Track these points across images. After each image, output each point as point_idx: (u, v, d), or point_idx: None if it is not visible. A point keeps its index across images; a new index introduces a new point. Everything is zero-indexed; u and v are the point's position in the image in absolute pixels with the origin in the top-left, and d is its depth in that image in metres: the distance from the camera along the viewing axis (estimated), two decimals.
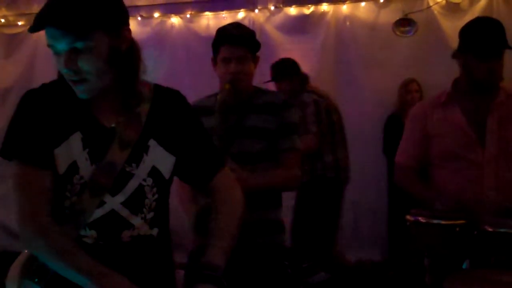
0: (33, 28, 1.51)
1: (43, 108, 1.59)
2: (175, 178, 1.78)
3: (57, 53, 1.54)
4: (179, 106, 1.75)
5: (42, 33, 1.53)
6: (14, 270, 1.66)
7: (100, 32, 1.51)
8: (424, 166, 2.87)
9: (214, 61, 2.59)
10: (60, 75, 1.62)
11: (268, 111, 2.53)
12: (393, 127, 5.19)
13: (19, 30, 6.10)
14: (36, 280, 1.61)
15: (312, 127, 4.58)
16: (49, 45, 1.53)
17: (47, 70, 5.50)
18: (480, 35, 2.66)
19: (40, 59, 5.88)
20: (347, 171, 4.93)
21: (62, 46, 1.50)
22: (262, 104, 2.55)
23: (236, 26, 2.64)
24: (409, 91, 5.18)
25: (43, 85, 1.66)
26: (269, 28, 5.71)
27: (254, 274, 2.46)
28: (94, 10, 1.49)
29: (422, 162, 2.86)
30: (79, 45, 1.49)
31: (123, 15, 1.61)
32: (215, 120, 2.44)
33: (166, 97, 1.74)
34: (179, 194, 2.54)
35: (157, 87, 1.74)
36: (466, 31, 2.73)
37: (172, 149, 1.68)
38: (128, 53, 1.61)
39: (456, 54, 2.76)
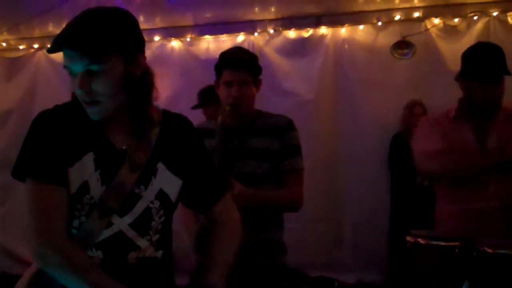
0: (51, 49, 1.55)
1: (57, 128, 1.61)
2: None
3: (72, 75, 1.57)
4: (187, 132, 1.79)
5: (43, 57, 1.56)
6: (21, 287, 1.66)
7: (116, 56, 1.55)
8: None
9: (217, 84, 2.62)
10: (74, 97, 1.64)
11: (270, 134, 2.56)
12: (398, 145, 5.21)
13: (20, 54, 6.15)
14: None
15: None
16: (65, 67, 1.57)
17: (47, 94, 5.57)
18: (480, 60, 2.72)
19: (41, 83, 5.93)
20: None
21: (77, 67, 1.54)
22: (265, 127, 2.58)
23: (238, 51, 2.68)
24: (414, 114, 5.19)
25: (57, 106, 1.68)
26: (269, 51, 5.75)
27: None
28: (111, 34, 1.53)
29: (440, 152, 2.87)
30: (94, 67, 1.52)
31: (140, 42, 1.66)
32: (215, 142, 2.46)
33: (175, 122, 1.77)
34: (181, 213, 2.55)
35: (165, 112, 1.78)
36: (467, 56, 2.78)
37: (179, 173, 1.71)
38: (141, 78, 1.65)
39: (458, 78, 2.81)
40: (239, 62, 2.55)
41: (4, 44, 6.15)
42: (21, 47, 6.10)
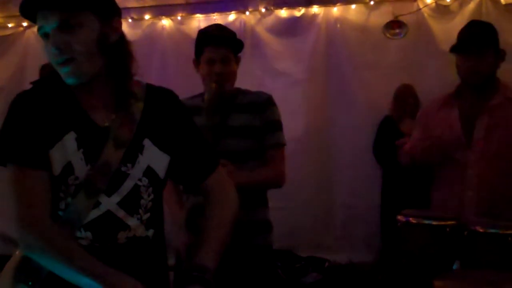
0: (24, 10, 1.54)
1: (35, 109, 1.57)
2: None
3: (47, 37, 1.54)
4: (173, 105, 1.75)
5: (32, 35, 1.54)
6: (6, 274, 1.63)
7: (90, 14, 1.53)
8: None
9: (197, 62, 2.61)
10: (51, 72, 1.61)
11: (251, 110, 2.56)
12: (386, 128, 5.22)
13: (9, 32, 6.07)
14: (30, 283, 1.58)
15: None
16: (39, 29, 1.54)
17: (37, 72, 5.51)
18: (465, 34, 2.78)
19: (31, 61, 5.85)
20: None
21: (51, 25, 1.51)
22: (246, 104, 2.58)
23: (218, 27, 2.68)
24: (403, 95, 5.20)
25: (34, 86, 1.65)
26: (260, 30, 5.70)
27: (244, 275, 2.46)
28: None
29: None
30: (67, 21, 1.50)
31: (115, 5, 1.64)
32: (201, 120, 2.45)
33: (160, 96, 1.74)
34: (164, 195, 2.54)
35: (149, 87, 1.74)
36: (458, 32, 2.80)
37: (167, 149, 1.68)
38: (118, 45, 1.62)
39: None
40: (221, 39, 2.54)
41: None
42: (10, 25, 5.99)
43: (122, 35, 1.64)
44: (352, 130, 5.45)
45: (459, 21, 5.30)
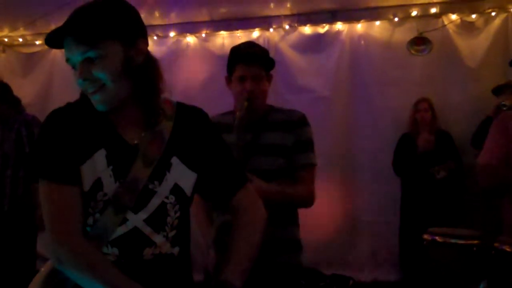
0: (49, 40, 1.56)
1: (68, 126, 1.59)
2: None
3: (74, 67, 1.57)
4: (202, 123, 1.76)
5: (59, 52, 1.56)
6: (34, 286, 1.65)
7: (112, 41, 1.54)
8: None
9: (229, 79, 2.60)
10: (83, 94, 1.63)
11: (283, 128, 2.54)
12: (403, 145, 5.20)
13: (37, 49, 6.18)
14: None
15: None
16: (67, 60, 1.57)
17: (64, 89, 5.59)
18: None
19: (57, 78, 5.95)
20: None
21: (76, 57, 1.53)
22: (278, 122, 2.56)
23: (250, 45, 2.66)
24: (419, 110, 5.18)
25: (68, 104, 1.67)
26: (284, 47, 5.73)
27: None
28: (106, 19, 1.53)
29: (505, 164, 2.85)
30: (91, 54, 1.52)
31: (139, 26, 1.64)
32: (233, 138, 2.45)
33: (189, 114, 1.75)
34: (194, 211, 2.54)
35: (179, 105, 1.75)
36: None
37: (194, 167, 1.69)
38: (144, 65, 1.63)
39: None
40: (253, 56, 2.53)
41: (20, 40, 6.19)
42: (37, 42, 6.12)
43: (148, 55, 1.65)
44: (375, 146, 5.44)
45: (484, 38, 5.29)
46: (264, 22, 5.75)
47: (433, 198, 4.86)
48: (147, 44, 1.65)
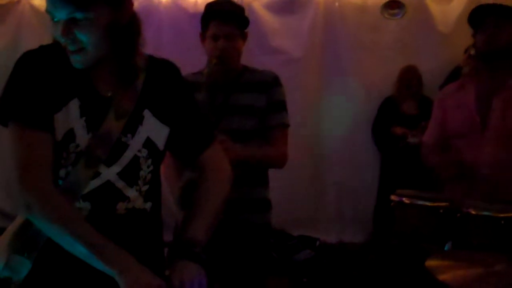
0: None
1: (43, 70, 1.54)
2: None
3: (54, 20, 1.51)
4: (173, 77, 1.73)
5: (27, 5, 1.49)
6: (2, 244, 1.61)
7: (102, 4, 1.49)
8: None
9: (203, 36, 2.56)
10: (56, 41, 1.58)
11: (257, 89, 2.52)
12: (387, 109, 5.24)
13: (4, 1, 5.99)
14: (25, 254, 1.57)
15: None
16: (47, 11, 1.50)
17: (32, 44, 5.42)
18: (479, 8, 2.74)
19: (25, 32, 5.78)
20: None
21: (61, 15, 1.47)
22: (251, 82, 2.54)
23: (225, 2, 2.61)
24: (406, 76, 5.22)
25: (42, 46, 1.61)
26: (257, 6, 5.66)
27: (239, 252, 2.47)
28: None
29: (445, 140, 2.93)
30: (78, 15, 1.46)
31: None
32: (202, 96, 2.42)
33: (161, 67, 1.72)
34: (164, 170, 2.52)
35: (151, 58, 1.72)
36: (476, 7, 2.80)
37: (166, 120, 1.67)
38: (128, 26, 1.59)
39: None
40: (227, 14, 2.50)
41: None
42: None
43: (133, 15, 1.61)
44: (346, 110, 5.45)
45: (458, 3, 5.31)
46: None
47: (411, 162, 4.92)
48: (132, 4, 1.60)
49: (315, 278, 4.47)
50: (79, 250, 1.45)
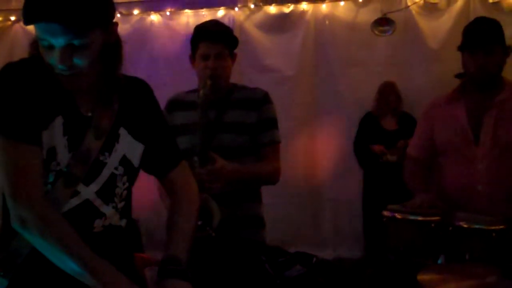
0: (29, 20, 1.46)
1: (28, 83, 1.53)
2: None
3: (49, 47, 1.50)
4: (146, 95, 1.76)
5: (19, 28, 1.50)
6: None
7: (97, 29, 1.51)
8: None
9: (193, 57, 2.61)
10: (33, 55, 1.58)
11: (247, 106, 2.56)
12: (367, 124, 5.29)
13: None
14: (2, 273, 1.57)
15: None
16: (41, 39, 1.49)
17: None
18: (472, 31, 2.74)
19: (18, 55, 5.77)
20: None
21: (59, 42, 1.47)
22: (241, 100, 2.58)
23: (214, 24, 2.68)
24: (383, 93, 5.28)
25: (22, 60, 1.60)
26: (249, 26, 5.72)
27: (231, 269, 2.48)
28: (94, 7, 1.48)
29: (430, 154, 2.93)
30: (76, 42, 1.47)
31: (114, 10, 1.61)
32: (197, 116, 2.46)
33: (133, 86, 1.74)
34: (160, 189, 2.54)
35: (125, 77, 1.73)
36: (464, 30, 2.80)
37: (140, 137, 1.69)
38: (115, 46, 1.62)
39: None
40: (216, 34, 2.55)
41: None
42: None
43: (117, 38, 1.64)
44: (339, 126, 5.49)
45: (447, 19, 5.37)
46: (230, 1, 5.72)
47: (392, 178, 4.95)
48: (117, 25, 1.62)
49: None
50: (71, 267, 1.46)
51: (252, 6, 5.70)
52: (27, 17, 1.47)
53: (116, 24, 1.62)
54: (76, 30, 1.46)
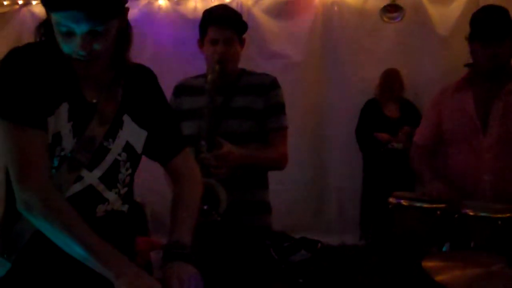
0: (55, 8, 1.47)
1: (35, 68, 1.55)
2: None
3: (68, 34, 1.50)
4: (150, 82, 1.78)
5: (27, 12, 1.50)
6: None
7: (116, 17, 1.54)
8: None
9: (201, 42, 2.60)
10: (46, 39, 1.59)
11: (255, 92, 2.55)
12: (369, 111, 5.29)
13: (4, 9, 6.03)
14: (5, 255, 1.58)
15: None
16: (60, 25, 1.49)
17: None
18: (482, 21, 2.69)
19: (26, 40, 5.74)
20: None
21: (81, 29, 1.48)
22: (249, 85, 2.57)
23: (223, 8, 2.66)
24: (389, 81, 5.27)
25: (29, 44, 1.61)
26: (257, 11, 5.69)
27: (237, 254, 2.49)
28: None
29: (437, 143, 2.92)
30: (99, 28, 1.49)
31: None
32: (205, 101, 2.46)
33: (138, 72, 1.76)
34: (166, 176, 2.55)
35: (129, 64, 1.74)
36: (472, 19, 2.75)
37: (144, 124, 1.71)
38: (126, 31, 1.65)
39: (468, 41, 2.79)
40: (225, 19, 2.53)
41: None
42: (5, 2, 5.96)
43: (128, 22, 1.66)
44: (346, 114, 5.48)
45: (456, 6, 5.33)
46: None
47: (393, 166, 4.95)
48: (128, 9, 1.64)
49: (312, 279, 4.48)
50: (76, 251, 1.47)
51: None
52: (53, 5, 1.48)
53: (128, 9, 1.63)
54: (100, 17, 1.48)
